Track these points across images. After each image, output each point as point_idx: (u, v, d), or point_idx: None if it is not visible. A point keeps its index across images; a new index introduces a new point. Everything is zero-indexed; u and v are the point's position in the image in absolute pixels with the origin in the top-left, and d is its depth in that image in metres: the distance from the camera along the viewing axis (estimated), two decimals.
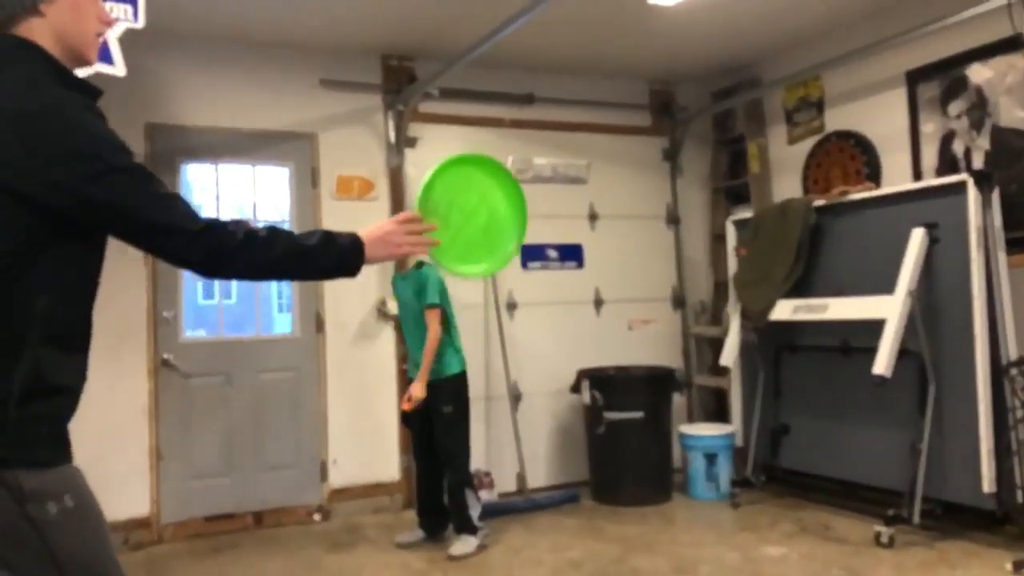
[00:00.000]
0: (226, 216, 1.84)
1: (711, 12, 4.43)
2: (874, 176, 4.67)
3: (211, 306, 7.75)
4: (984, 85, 4.09)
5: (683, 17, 4.46)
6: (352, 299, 4.88)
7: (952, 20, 3.92)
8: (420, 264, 4.26)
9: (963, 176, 3.61)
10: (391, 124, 5.05)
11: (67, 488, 1.37)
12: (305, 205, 4.88)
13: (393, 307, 4.66)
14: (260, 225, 1.55)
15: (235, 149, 4.75)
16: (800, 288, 4.43)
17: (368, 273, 4.83)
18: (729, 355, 4.78)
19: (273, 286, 7.95)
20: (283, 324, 6.03)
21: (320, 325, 4.83)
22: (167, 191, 1.46)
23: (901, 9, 4.39)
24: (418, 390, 4.01)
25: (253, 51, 4.72)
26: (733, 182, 5.78)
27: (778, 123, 5.42)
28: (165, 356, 4.46)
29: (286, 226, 4.87)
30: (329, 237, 1.60)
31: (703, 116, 5.84)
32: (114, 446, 4.24)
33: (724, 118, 5.84)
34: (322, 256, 1.59)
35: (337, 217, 4.83)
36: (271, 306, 8.83)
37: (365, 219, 4.81)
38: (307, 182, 4.88)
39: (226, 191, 4.92)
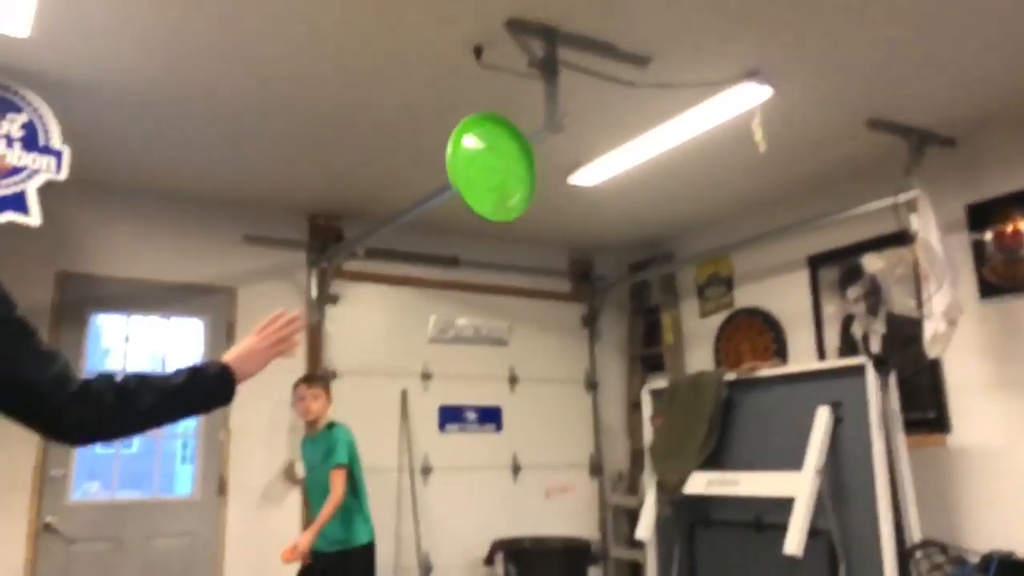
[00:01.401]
0: (110, 369, 1.81)
1: (627, 192, 4.70)
2: (781, 352, 4.86)
3: (109, 455, 7.30)
4: (878, 274, 4.37)
5: (602, 195, 4.71)
6: (258, 460, 4.69)
7: (848, 213, 4.24)
8: (331, 425, 4.15)
9: (862, 359, 3.78)
10: (314, 281, 5.06)
11: None
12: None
13: (301, 470, 4.48)
14: (123, 375, 1.51)
15: (149, 301, 4.66)
16: (714, 461, 4.46)
17: (278, 434, 4.72)
18: (645, 528, 4.71)
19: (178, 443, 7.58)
20: (185, 477, 5.72)
21: (223, 487, 4.59)
22: (48, 347, 1.40)
23: (803, 199, 4.74)
24: (305, 541, 3.79)
25: (177, 204, 4.73)
26: (649, 350, 5.92)
27: (691, 296, 5.65)
28: (48, 519, 4.13)
29: None
30: (196, 371, 1.58)
31: (620, 285, 6.06)
32: None
33: (640, 289, 6.06)
34: (193, 392, 1.56)
35: None
36: (173, 458, 8.38)
37: (278, 376, 4.72)
38: (222, 336, 4.78)
39: (136, 343, 4.78)
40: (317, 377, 4.51)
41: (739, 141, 3.67)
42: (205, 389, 1.59)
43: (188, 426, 4.89)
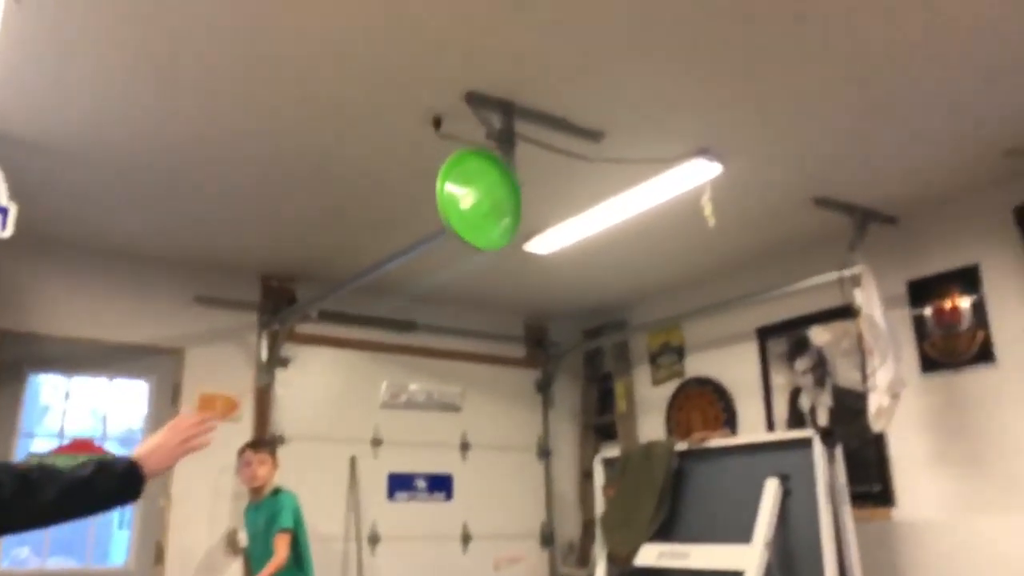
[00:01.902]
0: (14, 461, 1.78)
1: (582, 260, 4.76)
2: (731, 422, 4.90)
3: None
4: (824, 346, 4.48)
5: (557, 262, 4.76)
6: (199, 528, 4.53)
7: (795, 287, 4.33)
8: (277, 491, 4.05)
9: (809, 432, 3.83)
10: (264, 343, 4.98)
11: None
12: (161, 423, 4.58)
13: (244, 539, 4.34)
14: (28, 466, 1.48)
15: (92, 361, 4.53)
16: (665, 532, 4.43)
17: (221, 501, 4.57)
18: None
19: None
20: (122, 543, 5.48)
21: (160, 555, 4.41)
22: None
23: (752, 272, 4.85)
24: None
25: (126, 263, 4.65)
26: (602, 418, 5.92)
27: (643, 364, 5.70)
28: None
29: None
30: (103, 465, 1.56)
31: (575, 352, 6.08)
32: None
33: (594, 355, 6.09)
34: (100, 487, 1.54)
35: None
36: (110, 523, 8.03)
37: (223, 441, 4.60)
38: (167, 398, 4.66)
39: (77, 401, 4.63)
40: (264, 442, 4.41)
41: (690, 215, 3.76)
42: (111, 484, 1.57)
43: None
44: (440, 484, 5.37)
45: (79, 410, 4.81)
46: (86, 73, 2.84)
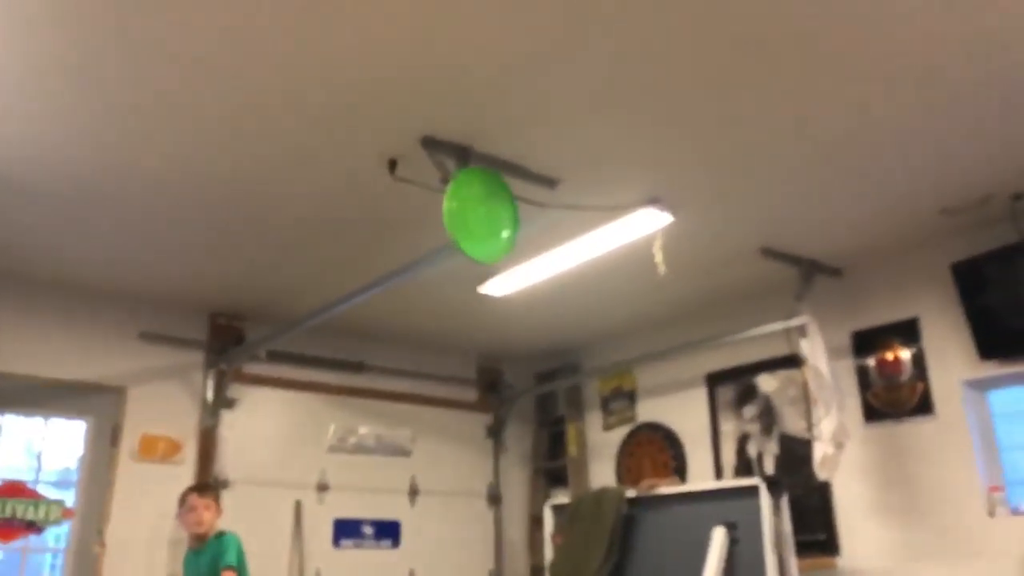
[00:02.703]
0: None
1: (536, 304, 4.78)
2: (681, 469, 4.92)
3: None
4: (771, 394, 4.54)
5: (511, 305, 4.77)
6: (135, 575, 4.35)
7: (743, 335, 4.40)
8: (220, 533, 3.94)
9: (756, 480, 3.86)
10: (210, 383, 4.87)
11: None
12: (100, 466, 4.47)
13: None
14: None
15: (26, 399, 4.37)
16: None
17: (158, 548, 4.41)
18: None
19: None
20: None
21: None
22: None
23: (702, 319, 4.91)
24: None
25: (64, 296, 4.50)
26: (553, 463, 5.89)
27: (595, 409, 5.70)
28: None
29: (72, 490, 4.42)
30: None
31: (527, 396, 6.06)
32: None
33: (546, 399, 6.08)
34: None
35: (135, 481, 4.44)
36: (40, 572, 7.68)
37: (166, 484, 4.47)
38: (106, 440, 4.51)
39: (9, 441, 4.45)
40: (209, 486, 4.28)
41: (642, 262, 3.81)
42: None
43: (59, 536, 4.53)
44: (387, 531, 5.26)
45: (12, 448, 4.63)
46: (33, 104, 2.79)
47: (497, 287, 4.46)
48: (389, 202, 3.53)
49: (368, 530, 5.19)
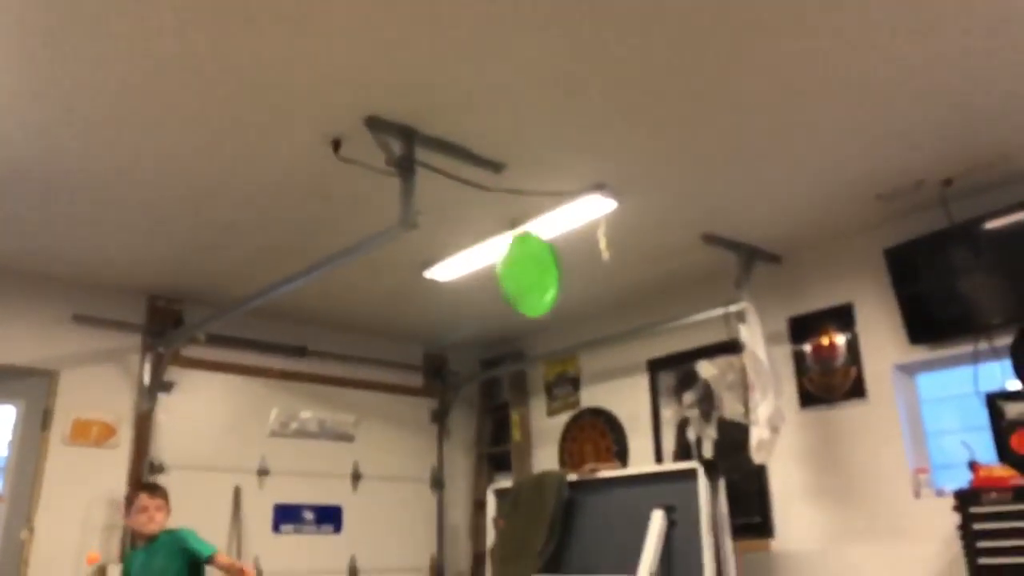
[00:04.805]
0: None
1: (481, 289, 4.77)
2: (622, 454, 4.98)
3: None
4: (711, 380, 4.63)
5: (457, 290, 4.76)
6: (65, 563, 4.23)
7: (684, 321, 4.47)
8: (170, 529, 3.84)
9: (693, 463, 3.93)
10: (147, 366, 4.75)
11: None
12: (29, 451, 4.34)
13: (116, 573, 4.08)
14: None
15: None
16: (554, 564, 4.44)
17: (90, 534, 4.30)
18: None
19: None
20: None
21: None
22: None
23: (645, 305, 4.98)
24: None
25: None
26: (497, 448, 5.91)
27: (539, 395, 5.74)
28: None
29: (1, 476, 4.29)
30: None
31: (472, 382, 6.07)
32: None
33: (491, 385, 6.09)
34: None
35: (67, 466, 4.32)
36: None
37: (100, 470, 4.36)
38: (36, 424, 4.38)
39: None
40: (159, 487, 4.09)
41: (587, 248, 3.84)
42: None
43: None
44: (329, 516, 5.22)
45: None
46: None
47: (443, 272, 4.45)
48: (333, 182, 3.48)
49: (309, 515, 5.14)
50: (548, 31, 2.52)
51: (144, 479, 4.56)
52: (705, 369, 4.66)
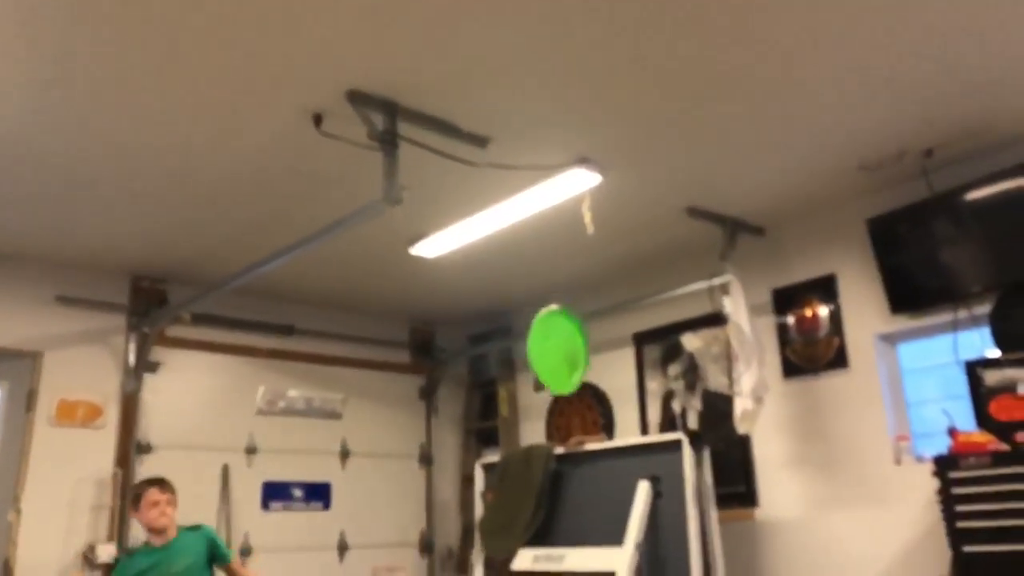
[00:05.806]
0: None
1: (468, 265, 4.79)
2: (609, 427, 5.03)
3: None
4: (695, 352, 4.66)
5: (443, 267, 4.76)
6: (53, 543, 4.24)
7: (669, 294, 4.50)
8: (192, 527, 3.87)
9: (678, 435, 3.97)
10: (132, 347, 4.74)
11: None
12: (15, 433, 4.33)
13: (104, 554, 4.10)
14: None
15: None
16: (541, 536, 4.48)
17: (79, 514, 4.30)
18: None
19: None
20: None
21: (8, 573, 4.11)
22: None
23: (630, 279, 5.00)
24: None
25: None
26: (485, 424, 5.94)
27: (527, 370, 5.75)
28: None
29: None
30: None
31: (460, 358, 6.08)
32: None
33: (479, 361, 6.11)
34: None
35: (53, 446, 4.32)
36: None
37: (87, 450, 4.36)
38: (21, 406, 4.36)
39: None
40: (167, 481, 4.08)
41: (572, 222, 3.84)
42: None
43: None
44: (317, 493, 5.25)
45: None
46: None
47: (428, 248, 4.45)
48: (315, 158, 3.46)
49: (298, 492, 5.17)
50: (532, 3, 2.50)
51: (132, 459, 4.57)
52: (690, 341, 4.69)
